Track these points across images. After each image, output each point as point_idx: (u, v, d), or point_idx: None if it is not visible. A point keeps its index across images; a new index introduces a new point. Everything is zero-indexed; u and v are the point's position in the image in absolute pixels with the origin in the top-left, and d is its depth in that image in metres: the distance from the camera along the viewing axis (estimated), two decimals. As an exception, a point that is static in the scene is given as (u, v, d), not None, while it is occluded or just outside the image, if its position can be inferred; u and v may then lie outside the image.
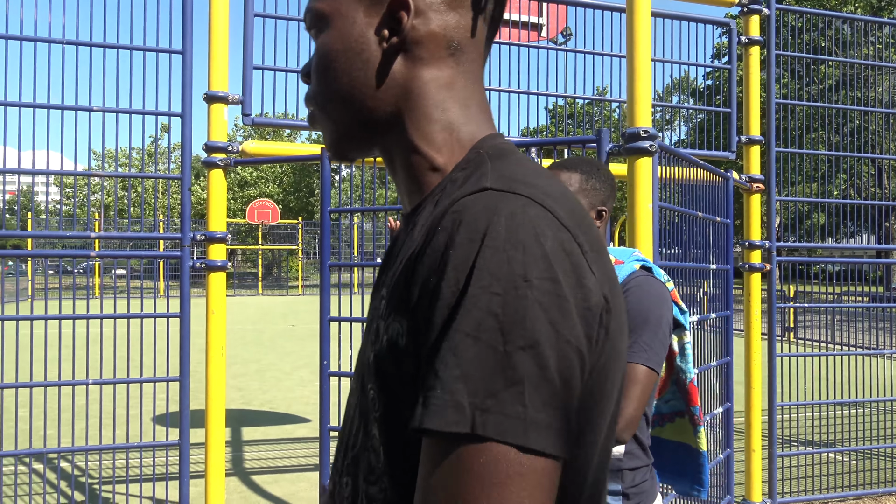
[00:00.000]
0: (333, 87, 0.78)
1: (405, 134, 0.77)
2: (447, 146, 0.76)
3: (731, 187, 4.25)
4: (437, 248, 0.63)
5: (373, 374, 0.70)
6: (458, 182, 0.71)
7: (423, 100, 0.76)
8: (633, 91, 3.11)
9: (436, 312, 0.61)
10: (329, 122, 0.81)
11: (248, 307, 22.92)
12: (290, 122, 4.17)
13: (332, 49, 0.77)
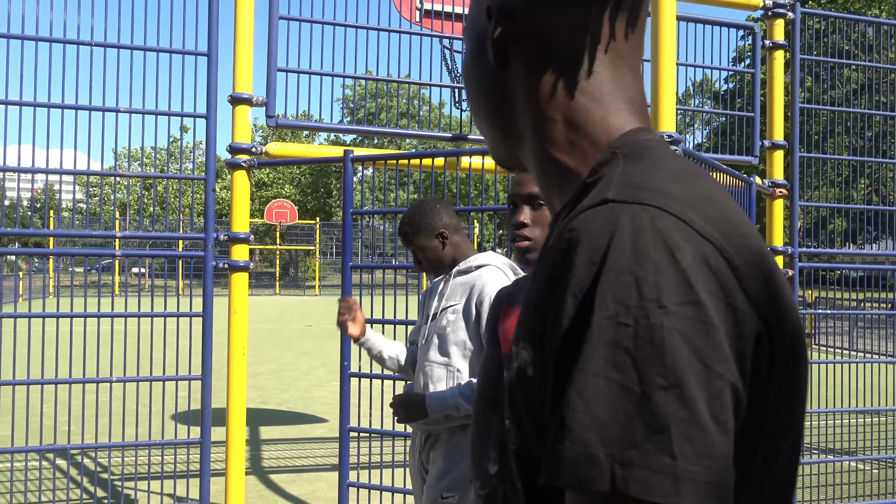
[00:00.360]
0: (472, 106, 0.77)
1: (531, 141, 0.72)
2: (576, 146, 0.69)
3: (753, 192, 4.23)
4: (552, 273, 0.57)
5: (507, 401, 0.64)
6: (589, 189, 0.62)
7: (537, 102, 0.71)
8: (656, 95, 3.11)
9: (557, 348, 0.54)
10: (485, 136, 0.78)
11: (265, 307, 23.06)
12: (314, 124, 4.21)
13: (465, 68, 0.76)
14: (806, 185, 4.98)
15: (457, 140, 4.48)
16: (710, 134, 15.70)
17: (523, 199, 1.81)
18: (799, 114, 4.74)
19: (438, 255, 2.57)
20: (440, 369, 2.47)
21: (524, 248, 1.79)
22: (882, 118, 5.43)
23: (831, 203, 5.30)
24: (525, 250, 1.79)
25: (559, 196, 0.70)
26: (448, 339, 2.47)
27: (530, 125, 0.71)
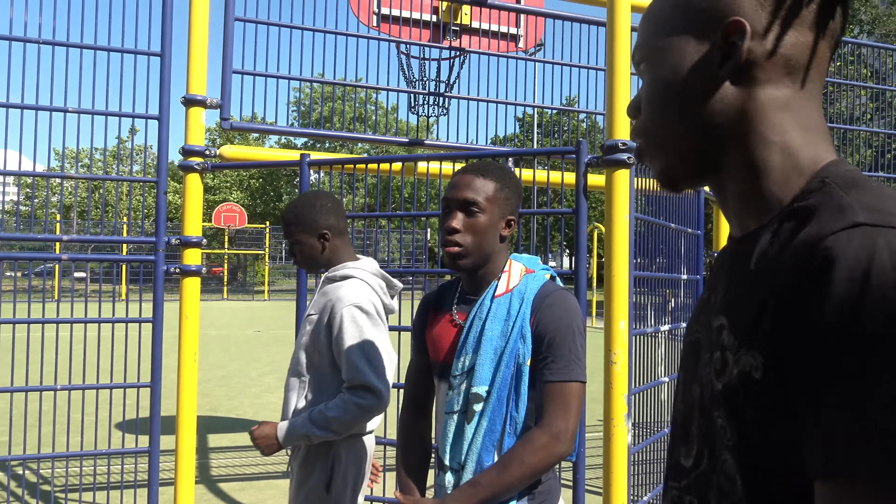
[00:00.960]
0: (669, 119, 0.79)
1: (739, 159, 0.76)
2: (784, 172, 0.74)
3: (702, 199, 4.34)
4: (802, 289, 0.61)
5: (721, 403, 0.71)
6: (803, 214, 0.68)
7: (758, 123, 0.75)
8: (611, 104, 3.17)
9: (814, 358, 0.59)
10: (662, 154, 0.81)
11: (212, 312, 22.62)
12: (269, 127, 4.16)
13: (666, 82, 0.79)
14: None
15: (413, 145, 4.49)
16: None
17: (457, 204, 1.75)
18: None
19: (314, 255, 2.50)
20: (294, 380, 2.42)
21: (454, 254, 1.74)
22: (830, 130, 5.62)
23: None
24: (455, 256, 1.74)
25: (750, 216, 0.76)
26: (303, 350, 2.41)
27: (745, 146, 0.76)
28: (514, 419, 1.68)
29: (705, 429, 0.75)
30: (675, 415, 0.86)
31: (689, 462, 0.79)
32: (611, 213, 3.20)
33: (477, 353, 1.72)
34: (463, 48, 4.51)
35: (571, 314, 1.70)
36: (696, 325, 0.84)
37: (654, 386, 3.71)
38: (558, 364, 1.65)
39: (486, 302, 1.75)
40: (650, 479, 3.76)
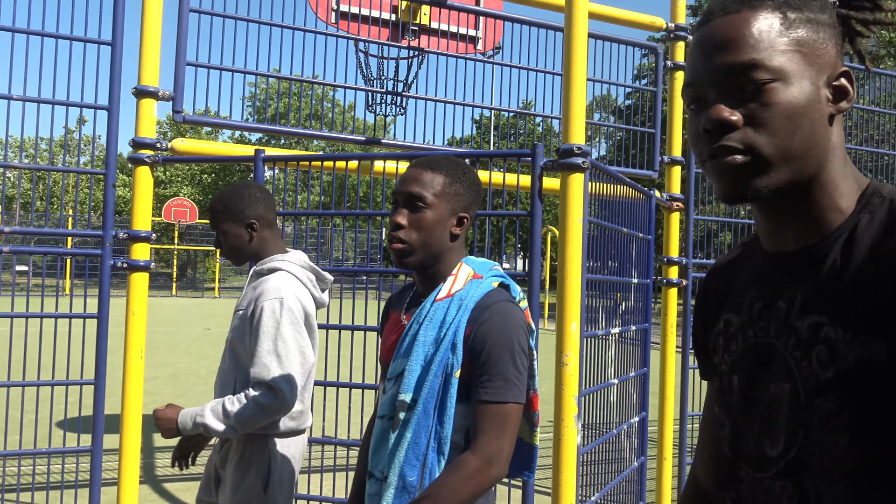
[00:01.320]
0: (790, 140, 0.89)
1: (822, 183, 0.92)
2: (851, 193, 0.92)
3: (653, 205, 4.43)
4: None
5: (832, 389, 0.83)
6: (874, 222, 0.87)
7: (838, 154, 0.92)
8: (567, 108, 3.21)
9: None
10: (765, 168, 0.89)
11: (161, 309, 22.14)
12: (222, 121, 4.09)
13: (795, 104, 0.88)
14: (700, 199, 5.26)
15: (369, 144, 4.47)
16: (612, 148, 16.31)
17: (404, 199, 1.66)
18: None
19: (241, 246, 2.44)
20: (224, 375, 2.37)
21: (397, 251, 1.64)
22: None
23: (721, 217, 5.62)
24: (399, 253, 1.65)
25: (819, 229, 0.92)
26: (233, 345, 2.36)
27: (829, 168, 0.92)
28: (438, 433, 1.58)
29: (802, 417, 0.87)
30: (744, 413, 0.97)
31: (778, 450, 0.90)
32: (565, 216, 3.24)
33: (408, 357, 1.63)
34: (421, 48, 4.51)
35: (512, 329, 1.59)
36: (754, 330, 0.97)
37: (604, 388, 3.77)
38: (494, 383, 1.55)
39: (427, 305, 1.66)
40: (599, 479, 3.82)
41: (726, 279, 1.10)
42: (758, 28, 0.89)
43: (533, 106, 5.15)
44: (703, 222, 5.61)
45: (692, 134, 0.95)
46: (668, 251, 4.98)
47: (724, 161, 0.90)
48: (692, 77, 0.95)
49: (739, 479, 0.97)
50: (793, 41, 0.89)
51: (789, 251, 0.95)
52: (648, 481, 4.85)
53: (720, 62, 0.90)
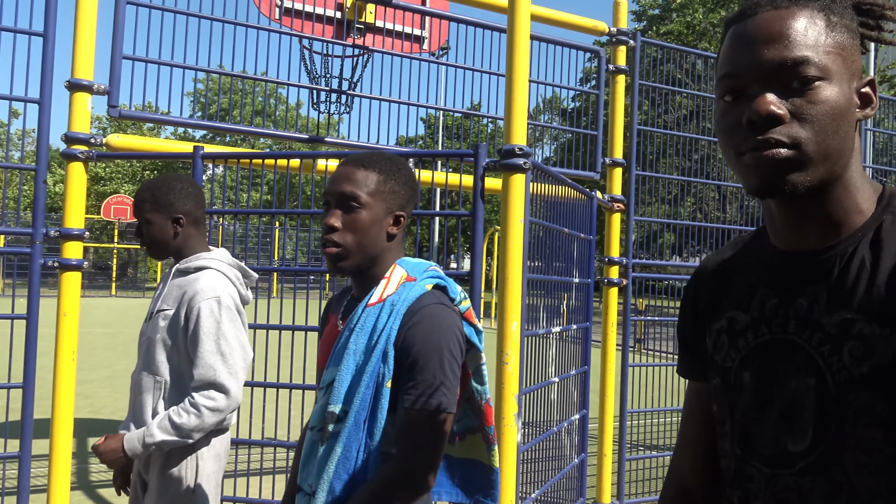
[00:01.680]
0: (831, 138, 0.91)
1: (847, 183, 0.95)
2: (869, 195, 0.97)
3: (594, 206, 4.51)
4: None
5: (867, 384, 0.86)
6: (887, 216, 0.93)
7: (858, 157, 0.96)
8: (510, 109, 3.24)
9: None
10: (807, 164, 0.91)
11: (98, 309, 21.47)
12: (161, 117, 3.99)
13: (838, 104, 0.91)
14: (641, 200, 5.37)
15: (313, 142, 4.43)
16: (558, 149, 16.53)
17: (336, 199, 1.56)
18: (636, 135, 5.12)
19: (165, 239, 2.37)
20: (148, 380, 2.30)
21: (332, 256, 1.55)
22: (707, 142, 5.97)
23: (662, 218, 5.75)
24: (334, 258, 1.56)
25: (833, 226, 0.95)
26: (157, 348, 2.28)
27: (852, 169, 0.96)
28: (368, 446, 1.50)
29: (833, 411, 0.89)
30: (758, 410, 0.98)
31: (804, 445, 0.91)
32: (506, 216, 3.26)
33: (339, 367, 1.54)
34: (367, 47, 4.49)
35: (441, 334, 1.50)
36: (769, 327, 0.98)
37: (544, 386, 3.81)
38: (419, 390, 1.47)
39: (359, 310, 1.56)
40: (538, 476, 3.86)
41: (723, 278, 1.11)
42: (806, 26, 0.91)
43: (480, 107, 5.18)
44: (647, 223, 5.74)
45: (727, 125, 0.95)
46: (609, 251, 5.07)
47: (767, 154, 0.90)
48: (734, 69, 0.94)
49: (748, 477, 0.98)
50: (836, 44, 0.91)
51: (810, 249, 0.97)
52: (589, 477, 4.93)
53: (769, 56, 0.90)
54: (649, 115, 5.88)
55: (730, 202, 12.19)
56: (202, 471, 2.29)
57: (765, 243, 1.07)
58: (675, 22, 27.92)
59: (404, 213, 1.64)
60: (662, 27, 28.06)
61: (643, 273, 5.50)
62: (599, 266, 5.27)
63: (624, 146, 5.15)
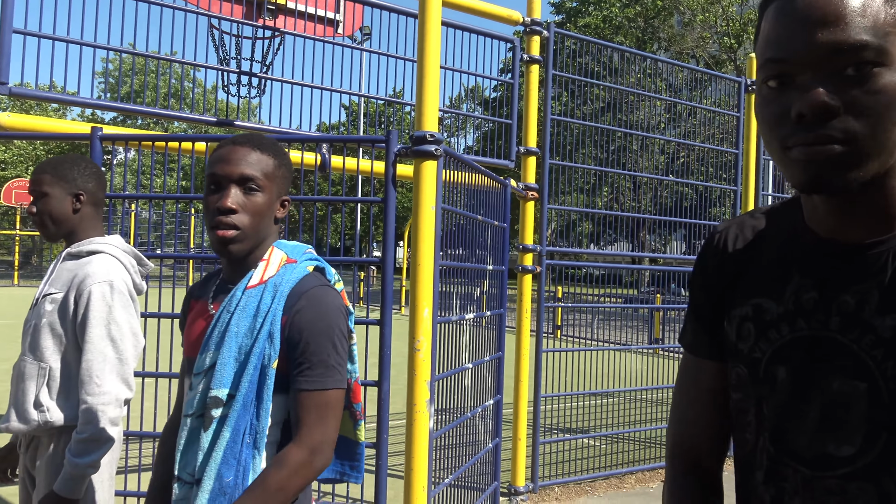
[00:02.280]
0: (890, 130, 0.82)
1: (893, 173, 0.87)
2: None
3: (508, 194, 4.56)
4: None
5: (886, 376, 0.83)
6: None
7: None
8: (421, 96, 3.23)
9: None
10: (862, 160, 0.83)
11: (1, 300, 20.35)
12: (57, 96, 3.79)
13: (892, 97, 0.81)
14: (559, 190, 5.47)
15: (223, 125, 4.30)
16: (479, 138, 16.63)
17: (233, 180, 1.53)
18: (551, 125, 5.20)
19: (60, 215, 2.27)
20: (32, 366, 2.20)
21: (228, 238, 1.51)
22: (623, 134, 6.13)
23: (578, 207, 5.87)
24: (228, 240, 1.52)
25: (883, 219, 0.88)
26: (43, 332, 2.20)
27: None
28: (254, 428, 1.49)
29: (885, 419, 0.84)
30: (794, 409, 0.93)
31: (852, 450, 0.87)
32: (418, 203, 3.26)
33: (220, 350, 1.52)
34: (278, 28, 4.38)
35: (330, 314, 1.53)
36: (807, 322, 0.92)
37: (457, 372, 3.84)
38: (315, 371, 1.49)
39: (238, 293, 1.55)
40: (452, 462, 3.90)
41: (747, 254, 1.03)
42: (864, 3, 0.80)
43: (403, 94, 5.15)
44: (566, 212, 5.84)
45: (772, 114, 0.86)
46: (523, 239, 5.14)
47: (819, 149, 0.82)
48: (781, 53, 0.84)
49: (783, 477, 0.94)
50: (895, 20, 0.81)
51: (857, 242, 0.89)
52: (503, 461, 5.01)
53: (823, 40, 0.80)
54: (568, 106, 5.99)
55: (644, 192, 12.58)
56: (98, 475, 2.20)
57: (799, 223, 0.98)
58: (591, 15, 28.50)
59: (288, 198, 1.66)
60: (580, 20, 28.60)
61: (558, 261, 5.61)
62: (515, 254, 5.34)
63: (538, 135, 5.22)
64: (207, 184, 1.56)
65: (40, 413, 2.16)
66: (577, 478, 5.46)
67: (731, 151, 6.53)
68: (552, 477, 5.44)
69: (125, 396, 2.17)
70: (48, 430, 2.17)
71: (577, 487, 5.36)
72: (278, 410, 1.54)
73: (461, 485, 3.97)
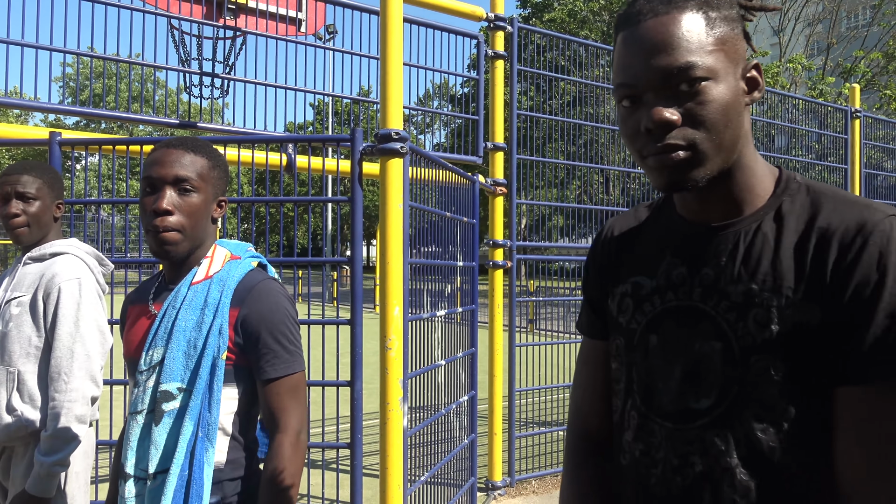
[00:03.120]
0: (723, 134, 0.98)
1: (741, 166, 1.03)
2: (765, 176, 1.06)
3: (476, 189, 4.56)
4: (869, 256, 0.91)
5: (770, 347, 0.95)
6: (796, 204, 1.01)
7: (750, 139, 1.04)
8: (385, 93, 3.21)
9: (883, 297, 0.90)
10: (703, 161, 0.98)
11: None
12: (18, 102, 3.71)
13: (725, 100, 0.97)
14: (529, 185, 5.48)
15: (187, 127, 4.25)
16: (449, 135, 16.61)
17: (168, 182, 1.55)
18: (518, 120, 5.21)
19: (47, 222, 2.31)
20: (0, 372, 2.18)
21: (168, 240, 1.55)
22: (591, 128, 6.16)
23: (547, 202, 5.89)
24: (168, 242, 1.55)
25: (742, 207, 1.04)
26: (9, 337, 2.18)
27: (746, 153, 1.03)
28: (206, 420, 1.52)
29: (736, 373, 0.98)
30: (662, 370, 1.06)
31: (708, 403, 1.00)
32: (385, 201, 3.25)
33: (168, 345, 1.56)
34: (240, 28, 4.33)
35: (282, 304, 1.60)
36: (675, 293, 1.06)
37: (430, 370, 3.84)
38: (280, 358, 1.57)
39: (183, 289, 1.60)
40: (428, 460, 3.90)
41: (627, 242, 1.19)
42: (687, 29, 0.96)
43: (371, 93, 5.12)
44: (538, 207, 5.86)
45: (629, 130, 1.01)
46: (493, 234, 5.15)
47: (666, 157, 0.97)
48: (628, 78, 0.99)
49: (650, 431, 1.07)
50: (717, 40, 0.97)
51: (716, 224, 1.06)
52: (480, 457, 5.02)
53: (657, 65, 0.95)
54: (535, 100, 6.01)
55: (613, 185, 12.68)
56: (70, 469, 2.20)
57: (671, 212, 1.14)
58: (556, 10, 28.62)
59: (224, 198, 1.70)
60: (546, 14, 28.70)
61: (529, 255, 5.62)
62: (486, 249, 5.35)
63: (504, 130, 5.23)
64: (143, 187, 1.59)
65: (14, 417, 2.15)
66: (554, 471, 5.48)
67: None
68: (529, 471, 5.46)
69: (92, 394, 2.17)
70: (23, 436, 2.16)
71: (555, 480, 5.39)
72: (228, 402, 1.58)
73: (437, 482, 3.97)
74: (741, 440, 0.98)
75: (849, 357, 0.92)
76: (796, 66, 19.37)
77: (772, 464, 0.97)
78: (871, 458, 0.90)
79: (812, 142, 8.51)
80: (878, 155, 8.95)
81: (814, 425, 0.96)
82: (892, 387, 0.90)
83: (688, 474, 1.02)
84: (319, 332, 3.38)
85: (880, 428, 0.90)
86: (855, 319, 0.92)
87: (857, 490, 0.91)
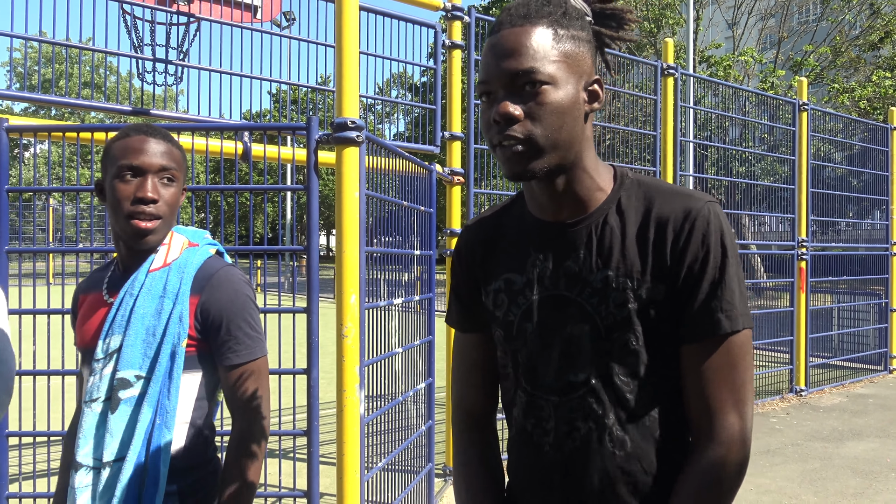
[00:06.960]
0: (558, 132, 1.12)
1: (583, 167, 1.18)
2: (606, 175, 1.22)
3: (433, 179, 4.59)
4: (696, 237, 1.12)
5: (629, 322, 1.14)
6: (632, 198, 1.18)
7: (591, 145, 1.19)
8: (340, 82, 3.22)
9: (707, 270, 1.12)
10: (539, 154, 1.12)
11: None
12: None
13: (562, 104, 1.11)
14: (487, 174, 5.53)
15: (139, 114, 4.18)
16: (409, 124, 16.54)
17: (153, 171, 1.57)
18: (475, 109, 5.24)
19: None
20: None
21: (149, 230, 1.57)
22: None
23: (504, 191, 5.94)
24: (150, 232, 1.57)
25: (581, 203, 1.19)
26: None
27: (585, 156, 1.18)
28: (164, 408, 1.53)
29: (603, 348, 1.16)
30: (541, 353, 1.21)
31: (584, 375, 1.18)
32: (340, 190, 3.26)
33: (126, 332, 1.55)
34: (193, 14, 4.27)
35: (242, 290, 1.62)
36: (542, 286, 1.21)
37: (387, 357, 3.87)
38: (242, 344, 1.59)
39: (140, 276, 1.59)
40: (385, 447, 3.93)
41: (491, 243, 1.32)
42: (535, 41, 1.10)
43: (330, 81, 5.09)
44: (495, 196, 5.90)
45: (484, 122, 1.15)
46: (450, 223, 5.19)
47: (507, 146, 1.11)
48: (485, 76, 1.14)
49: (539, 407, 1.22)
50: (561, 53, 1.11)
51: (567, 221, 1.21)
52: (438, 444, 5.07)
53: (507, 67, 1.10)
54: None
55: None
56: None
57: (524, 212, 1.28)
58: (518, 0, 28.69)
59: (185, 187, 1.73)
60: (505, 2, 28.77)
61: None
62: (443, 238, 5.38)
63: (462, 120, 5.27)
64: (118, 173, 1.57)
65: None
66: (510, 456, 5.56)
67: (650, 134, 6.73)
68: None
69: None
70: None
71: (511, 465, 5.47)
72: (187, 389, 1.58)
73: (395, 468, 4.01)
74: (614, 402, 1.16)
75: (683, 322, 1.13)
76: (748, 60, 19.79)
77: (638, 417, 1.16)
78: (710, 387, 1.12)
79: (764, 133, 8.84)
80: (825, 147, 9.25)
81: (668, 380, 1.16)
82: (715, 341, 1.12)
83: (576, 437, 1.19)
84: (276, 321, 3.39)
85: (712, 369, 1.11)
86: (690, 290, 1.12)
87: (705, 411, 1.12)
